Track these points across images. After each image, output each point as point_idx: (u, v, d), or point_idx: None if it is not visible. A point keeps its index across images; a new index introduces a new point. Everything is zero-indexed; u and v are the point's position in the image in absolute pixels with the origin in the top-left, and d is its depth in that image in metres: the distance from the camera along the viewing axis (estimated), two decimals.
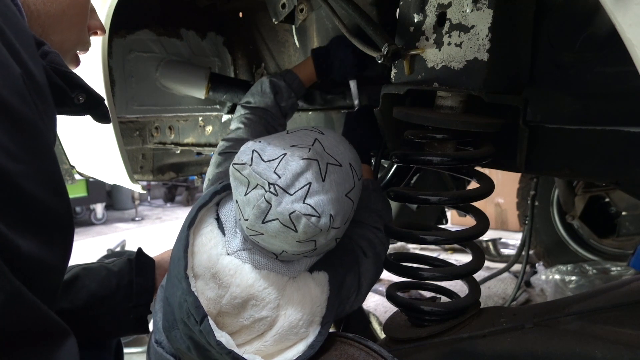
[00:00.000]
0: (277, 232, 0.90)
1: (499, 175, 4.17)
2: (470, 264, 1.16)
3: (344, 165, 0.98)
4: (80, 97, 0.78)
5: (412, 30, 1.08)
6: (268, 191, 0.88)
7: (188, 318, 0.92)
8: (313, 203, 0.88)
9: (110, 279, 1.17)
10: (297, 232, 0.89)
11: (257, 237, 0.94)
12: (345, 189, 0.96)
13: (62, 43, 0.89)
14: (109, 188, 6.59)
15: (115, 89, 1.76)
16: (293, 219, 0.87)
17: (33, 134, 0.60)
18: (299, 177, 0.89)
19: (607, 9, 0.66)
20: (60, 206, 0.63)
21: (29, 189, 0.57)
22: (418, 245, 3.84)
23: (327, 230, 0.92)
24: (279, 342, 0.96)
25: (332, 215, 0.91)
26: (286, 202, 0.88)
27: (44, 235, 0.59)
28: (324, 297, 1.00)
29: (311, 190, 0.89)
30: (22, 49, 0.63)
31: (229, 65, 2.01)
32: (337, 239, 1.01)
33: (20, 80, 0.59)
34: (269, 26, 1.81)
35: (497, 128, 1.04)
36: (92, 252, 4.14)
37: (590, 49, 0.98)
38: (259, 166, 0.90)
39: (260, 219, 0.90)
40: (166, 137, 2.16)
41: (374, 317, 2.39)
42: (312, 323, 0.98)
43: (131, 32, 1.76)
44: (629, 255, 2.54)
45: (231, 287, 0.94)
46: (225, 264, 0.96)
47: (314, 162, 0.92)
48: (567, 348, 0.91)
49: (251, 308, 0.95)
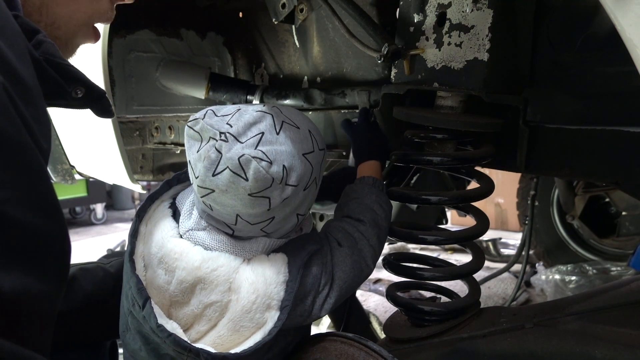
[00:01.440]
0: (228, 183, 0.84)
1: (499, 175, 4.16)
2: (470, 264, 1.16)
3: (302, 129, 0.93)
4: (79, 90, 0.72)
5: (412, 30, 1.08)
6: (219, 139, 0.85)
7: (133, 306, 0.87)
8: (265, 150, 0.85)
9: (107, 281, 1.16)
10: (248, 180, 0.83)
11: (209, 198, 0.88)
12: (302, 148, 0.91)
13: (70, 16, 0.80)
14: (109, 188, 6.58)
15: (115, 89, 1.75)
16: (242, 164, 0.83)
17: (18, 153, 0.54)
18: (251, 127, 0.87)
19: (607, 9, 0.66)
20: (52, 228, 0.58)
21: (14, 216, 0.51)
22: (418, 245, 3.84)
23: (281, 185, 0.86)
24: (234, 330, 0.89)
25: (285, 167, 0.86)
26: (237, 148, 0.84)
27: (33, 264, 0.54)
28: (280, 278, 0.90)
29: (263, 139, 0.86)
30: (7, 46, 0.57)
31: (229, 65, 2.01)
32: (299, 214, 0.95)
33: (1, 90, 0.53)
34: (269, 26, 1.81)
35: (497, 128, 1.04)
36: (92, 252, 4.14)
37: (590, 49, 0.98)
38: (212, 119, 0.88)
39: (210, 171, 0.85)
40: (166, 137, 2.16)
41: (374, 317, 2.38)
42: (269, 307, 0.89)
43: (131, 32, 1.76)
44: (629, 255, 2.54)
45: (177, 271, 0.89)
46: (171, 247, 0.90)
47: (269, 115, 0.90)
48: (567, 348, 0.91)
49: (200, 292, 0.89)
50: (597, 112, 0.98)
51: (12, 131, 0.54)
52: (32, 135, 0.58)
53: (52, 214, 0.58)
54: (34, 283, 0.53)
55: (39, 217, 0.55)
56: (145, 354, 0.90)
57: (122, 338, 0.97)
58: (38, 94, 0.62)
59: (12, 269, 0.50)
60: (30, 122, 0.58)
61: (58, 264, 0.60)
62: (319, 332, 1.03)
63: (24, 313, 0.52)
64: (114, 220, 6.61)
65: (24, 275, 0.51)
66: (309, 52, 1.53)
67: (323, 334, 1.06)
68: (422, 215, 2.38)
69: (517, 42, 1.02)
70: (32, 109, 0.59)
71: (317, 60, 1.55)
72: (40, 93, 0.63)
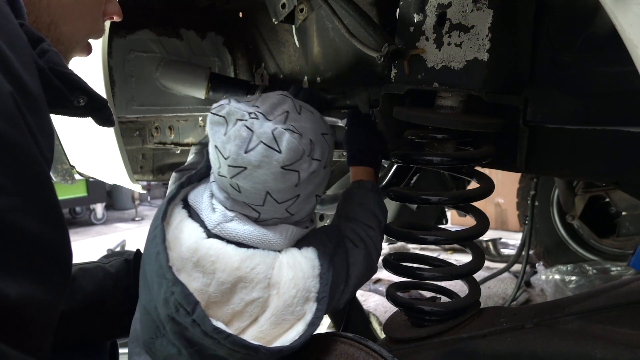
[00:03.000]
0: (261, 158, 0.88)
1: (499, 175, 4.16)
2: (470, 264, 1.16)
3: (315, 114, 1.03)
4: (81, 99, 0.74)
5: (412, 30, 1.08)
6: (250, 118, 0.90)
7: (177, 312, 0.87)
8: (294, 124, 0.93)
9: (107, 281, 1.16)
10: (281, 152, 0.88)
11: (239, 177, 0.91)
12: (320, 128, 1.00)
13: (73, 33, 0.84)
14: (109, 188, 6.59)
15: (115, 89, 1.75)
16: (276, 136, 0.89)
17: (24, 161, 0.55)
18: (276, 107, 0.95)
19: (607, 9, 0.66)
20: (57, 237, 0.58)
21: (20, 224, 0.52)
22: (418, 245, 3.84)
23: (309, 158, 0.93)
24: (276, 324, 0.93)
25: (311, 140, 0.94)
26: (268, 124, 0.91)
27: (38, 272, 0.54)
28: (315, 272, 0.96)
29: (290, 117, 0.95)
30: (15, 57, 0.58)
31: (229, 65, 2.01)
32: (317, 195, 1.02)
33: (10, 100, 0.54)
34: (269, 26, 1.81)
35: (497, 128, 1.04)
36: (92, 252, 4.14)
37: (590, 49, 0.98)
38: (238, 104, 0.93)
39: (242, 149, 0.89)
40: (166, 137, 2.16)
41: (374, 317, 2.38)
42: (308, 300, 0.94)
43: (131, 32, 1.76)
44: (629, 255, 2.54)
45: (217, 273, 0.90)
46: (206, 250, 0.92)
47: (289, 98, 0.99)
48: (567, 348, 0.91)
49: (240, 291, 0.91)
50: (597, 112, 0.97)
51: (20, 141, 0.55)
52: (37, 145, 0.58)
53: (56, 223, 0.59)
54: (38, 291, 0.53)
55: (45, 226, 0.56)
56: (186, 356, 0.90)
57: (148, 345, 0.96)
58: (43, 104, 0.63)
59: (18, 276, 0.50)
60: (36, 132, 0.58)
61: (61, 273, 0.60)
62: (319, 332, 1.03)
63: (28, 320, 0.52)
64: (114, 220, 6.61)
65: (29, 283, 0.52)
66: (309, 52, 1.53)
67: (323, 334, 1.06)
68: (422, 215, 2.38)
69: (517, 42, 1.02)
70: (38, 119, 0.60)
71: (317, 60, 1.55)
72: (45, 103, 0.64)
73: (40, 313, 0.54)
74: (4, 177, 0.51)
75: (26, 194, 0.54)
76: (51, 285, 0.56)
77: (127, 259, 1.23)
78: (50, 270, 0.57)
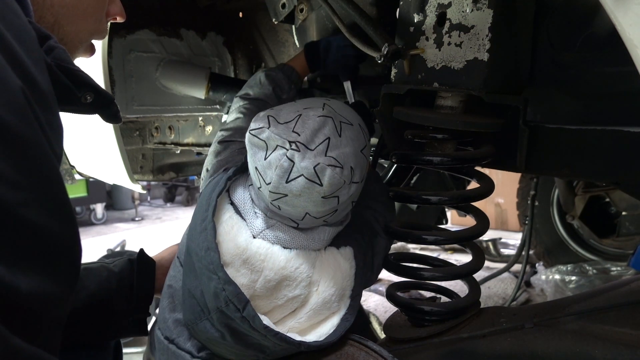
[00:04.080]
0: (302, 189, 0.91)
1: (499, 175, 4.16)
2: (470, 264, 1.16)
3: (355, 125, 1.00)
4: (88, 96, 0.74)
5: (412, 30, 1.08)
6: (290, 149, 0.90)
7: (227, 306, 0.91)
8: (335, 155, 0.92)
9: (111, 281, 1.16)
10: (323, 186, 0.90)
11: (280, 201, 0.95)
12: (359, 145, 0.98)
13: (76, 33, 0.84)
14: (109, 188, 6.59)
15: (115, 89, 1.76)
16: (318, 172, 0.89)
17: (35, 155, 0.55)
18: (317, 133, 0.93)
19: (607, 9, 0.66)
20: (66, 231, 0.59)
21: (32, 218, 0.52)
22: (418, 245, 3.84)
23: (349, 184, 0.94)
24: (313, 317, 0.99)
25: (352, 168, 0.94)
26: (309, 156, 0.90)
27: (49, 267, 0.55)
28: (352, 271, 1.02)
29: (331, 144, 0.92)
30: (25, 53, 0.58)
31: (229, 65, 2.01)
32: (354, 201, 1.03)
33: (20, 95, 0.54)
34: (269, 26, 1.81)
35: (497, 128, 1.04)
36: (92, 252, 4.14)
37: (590, 49, 0.98)
38: (277, 128, 0.93)
39: (283, 179, 0.91)
40: (166, 137, 2.16)
41: (374, 317, 2.38)
42: (343, 297, 1.01)
43: (131, 32, 1.76)
44: (629, 255, 2.54)
45: (264, 271, 0.96)
46: (255, 249, 0.97)
47: (329, 119, 0.95)
48: (567, 348, 0.91)
49: (285, 288, 0.97)
50: (597, 112, 0.98)
51: (32, 136, 0.55)
52: (48, 140, 0.59)
53: (66, 217, 0.59)
54: (48, 285, 0.54)
55: (55, 221, 0.56)
56: (231, 342, 0.96)
57: (191, 326, 1.01)
58: (52, 100, 0.63)
59: (29, 270, 0.51)
60: (46, 128, 0.59)
61: (70, 268, 0.61)
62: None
63: (39, 314, 0.52)
64: (113, 220, 6.61)
65: (39, 277, 0.52)
66: None
67: None
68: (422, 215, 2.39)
69: (517, 42, 1.02)
70: (48, 114, 0.60)
71: None
72: (54, 99, 0.64)
73: (51, 307, 0.55)
74: (17, 172, 0.51)
75: (38, 189, 0.54)
76: (61, 280, 0.57)
77: (131, 259, 1.23)
78: (61, 265, 0.57)
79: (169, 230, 5.90)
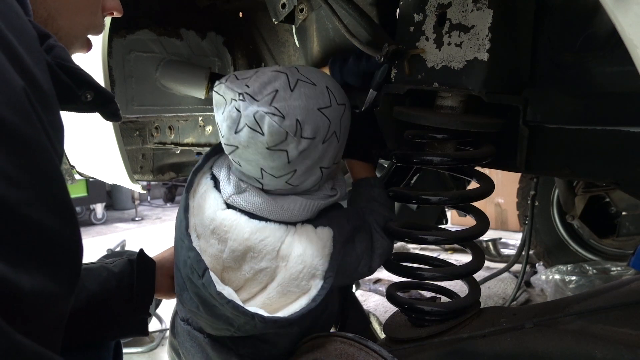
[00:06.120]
0: (248, 139, 0.93)
1: (499, 175, 4.16)
2: (470, 264, 1.16)
3: (319, 85, 1.00)
4: (88, 94, 0.74)
5: (412, 30, 1.08)
6: (238, 100, 0.93)
7: (192, 273, 0.96)
8: (277, 106, 0.92)
9: (111, 281, 1.16)
10: (264, 135, 0.91)
11: (235, 154, 0.98)
12: (317, 103, 0.97)
13: (71, 28, 0.84)
14: (109, 188, 6.59)
15: (115, 89, 1.76)
16: (257, 119, 0.91)
17: (37, 155, 0.56)
18: (266, 86, 0.94)
19: (607, 9, 0.66)
20: (68, 230, 0.59)
21: (34, 217, 0.52)
22: (418, 245, 3.84)
23: (296, 137, 0.93)
24: (282, 294, 0.98)
25: (298, 121, 0.93)
26: (253, 106, 0.92)
27: (51, 266, 0.55)
28: (325, 252, 1.01)
29: (277, 96, 0.93)
30: (26, 52, 0.58)
31: (229, 65, 2.01)
32: (322, 167, 1.02)
33: (22, 94, 0.55)
34: (269, 26, 1.81)
35: (497, 128, 1.04)
36: (92, 252, 4.13)
37: (590, 49, 0.98)
38: (233, 83, 0.96)
39: (232, 130, 0.94)
40: (166, 137, 2.16)
41: (374, 317, 2.38)
42: (314, 276, 0.99)
43: (131, 32, 1.76)
44: (629, 255, 2.54)
45: (229, 242, 0.98)
46: (221, 220, 0.99)
47: (283, 74, 0.97)
48: (567, 348, 0.91)
49: (250, 260, 0.98)
50: (597, 112, 0.97)
51: (33, 135, 0.55)
52: (49, 139, 0.59)
53: (68, 216, 0.60)
54: (50, 284, 0.54)
55: (57, 219, 0.57)
56: (204, 313, 1.00)
57: (178, 297, 1.07)
58: (53, 99, 0.64)
59: (32, 269, 0.51)
60: (48, 127, 0.59)
61: (72, 266, 0.61)
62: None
63: (41, 313, 0.53)
64: (113, 220, 6.61)
65: (42, 276, 0.53)
66: (309, 52, 1.53)
67: (323, 334, 1.06)
68: (422, 215, 2.39)
69: (517, 42, 1.02)
70: (49, 114, 0.61)
71: (317, 60, 1.55)
72: (55, 98, 0.64)
73: (53, 306, 0.55)
74: (19, 171, 0.51)
75: (40, 188, 0.55)
76: (63, 279, 0.57)
77: (131, 259, 1.23)
78: (63, 264, 0.58)
79: (169, 230, 5.89)
